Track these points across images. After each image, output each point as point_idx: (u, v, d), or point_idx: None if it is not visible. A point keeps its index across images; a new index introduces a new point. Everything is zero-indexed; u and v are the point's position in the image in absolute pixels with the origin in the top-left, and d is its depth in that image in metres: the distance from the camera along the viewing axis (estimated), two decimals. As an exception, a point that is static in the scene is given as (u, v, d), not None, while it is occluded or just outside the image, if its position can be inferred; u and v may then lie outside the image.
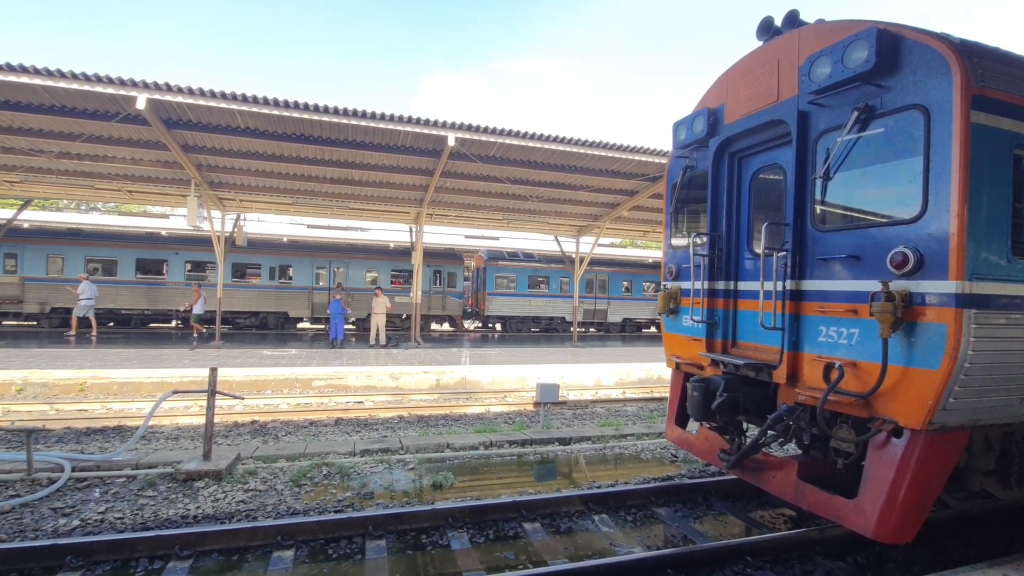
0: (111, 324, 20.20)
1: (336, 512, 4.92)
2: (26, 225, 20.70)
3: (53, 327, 19.13)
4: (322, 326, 22.63)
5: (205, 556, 4.07)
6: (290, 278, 21.60)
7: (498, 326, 26.00)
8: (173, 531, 4.16)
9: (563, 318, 25.59)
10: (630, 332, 27.66)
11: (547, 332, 25.78)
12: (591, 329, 27.58)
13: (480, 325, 27.29)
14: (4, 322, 20.54)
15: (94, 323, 16.29)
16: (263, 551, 4.17)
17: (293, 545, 4.22)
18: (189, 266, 20.55)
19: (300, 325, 22.88)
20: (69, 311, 17.44)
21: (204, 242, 19.37)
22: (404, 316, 22.83)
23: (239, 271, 21.06)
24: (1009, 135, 3.28)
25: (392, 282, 22.97)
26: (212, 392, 5.95)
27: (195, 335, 16.06)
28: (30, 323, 19.87)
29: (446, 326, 27.38)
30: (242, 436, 7.92)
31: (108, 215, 30.47)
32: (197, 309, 16.17)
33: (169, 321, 21.49)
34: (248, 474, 5.75)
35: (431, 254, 23.09)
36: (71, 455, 5.99)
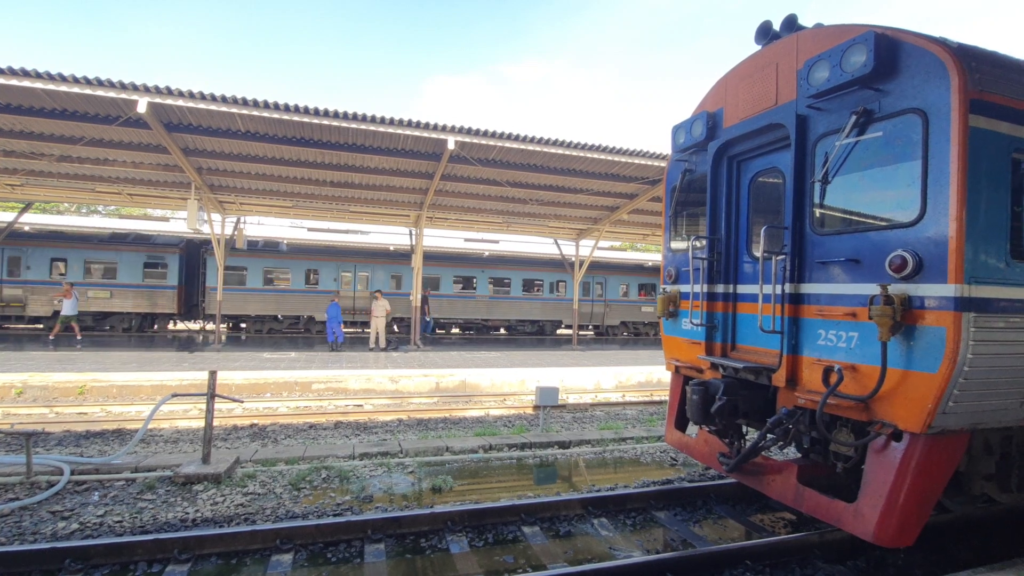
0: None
1: (335, 516, 4.90)
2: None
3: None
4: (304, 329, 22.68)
5: (204, 560, 4.07)
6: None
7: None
8: (172, 534, 4.15)
9: None
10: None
11: None
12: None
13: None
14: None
15: None
16: (262, 555, 4.17)
17: (292, 549, 4.22)
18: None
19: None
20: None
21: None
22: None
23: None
24: (1007, 139, 3.28)
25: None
26: (211, 395, 5.94)
27: (52, 337, 14.91)
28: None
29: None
30: (241, 439, 7.92)
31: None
32: (67, 309, 15.08)
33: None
34: (247, 477, 5.74)
35: (650, 270, 27.23)
36: (70, 458, 5.98)
